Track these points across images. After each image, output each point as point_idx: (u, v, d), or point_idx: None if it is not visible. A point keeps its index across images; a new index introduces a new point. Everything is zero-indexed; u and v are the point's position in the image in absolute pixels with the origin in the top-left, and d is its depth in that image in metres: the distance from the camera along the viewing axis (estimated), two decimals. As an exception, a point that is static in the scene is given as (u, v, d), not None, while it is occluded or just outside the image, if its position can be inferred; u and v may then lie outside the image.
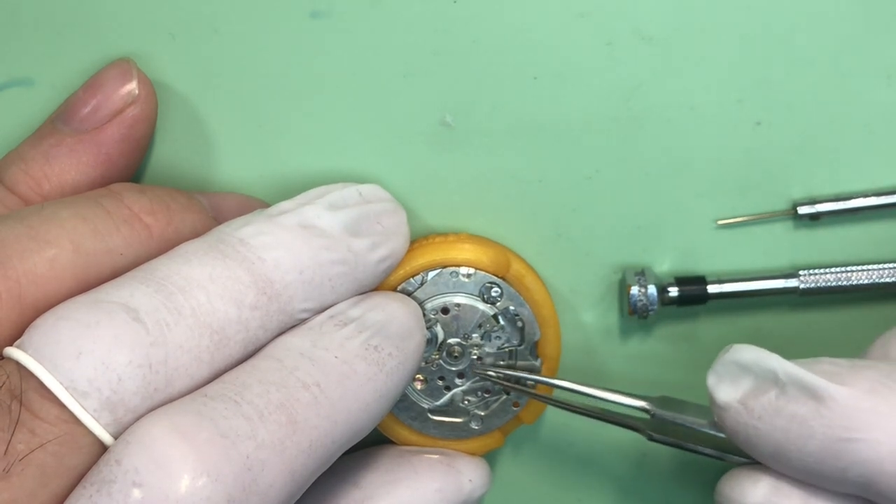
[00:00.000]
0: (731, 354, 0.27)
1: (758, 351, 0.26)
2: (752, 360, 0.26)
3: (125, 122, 0.30)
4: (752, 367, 0.26)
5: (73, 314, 0.25)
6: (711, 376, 0.27)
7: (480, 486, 0.32)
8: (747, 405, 0.26)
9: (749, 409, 0.26)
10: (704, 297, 0.32)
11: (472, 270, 0.31)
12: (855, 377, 0.25)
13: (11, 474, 0.23)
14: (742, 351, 0.27)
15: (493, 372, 0.32)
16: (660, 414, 0.29)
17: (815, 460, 0.25)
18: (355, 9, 0.32)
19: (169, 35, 0.32)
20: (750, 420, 0.26)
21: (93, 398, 0.24)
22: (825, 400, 0.25)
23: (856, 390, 0.25)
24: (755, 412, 0.26)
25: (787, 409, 0.25)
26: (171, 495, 0.23)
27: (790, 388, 0.26)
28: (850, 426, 0.25)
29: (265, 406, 0.25)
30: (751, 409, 0.26)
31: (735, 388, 0.27)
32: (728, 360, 0.27)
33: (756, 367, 0.26)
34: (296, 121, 0.33)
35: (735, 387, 0.27)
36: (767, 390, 0.26)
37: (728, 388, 0.27)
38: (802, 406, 0.25)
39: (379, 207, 0.30)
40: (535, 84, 0.32)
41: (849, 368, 0.26)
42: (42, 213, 0.27)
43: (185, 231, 0.29)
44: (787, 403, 0.25)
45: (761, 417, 0.26)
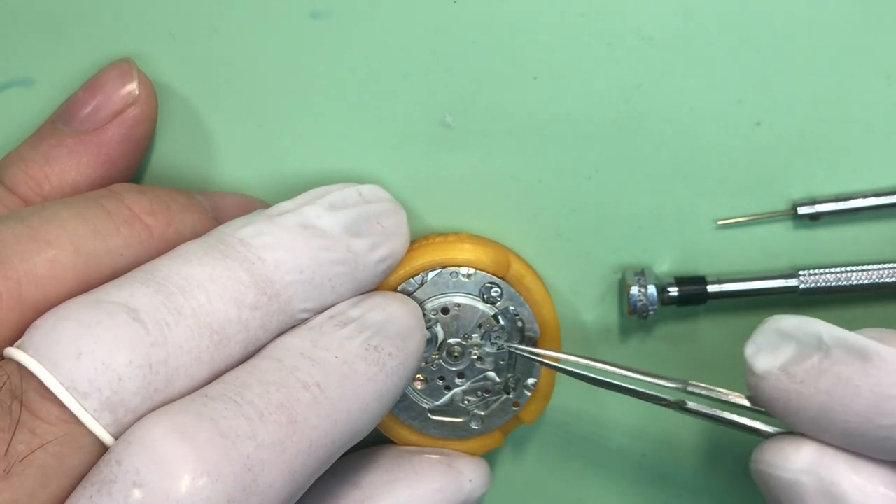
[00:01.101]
0: (773, 323, 0.27)
1: (800, 318, 0.27)
2: (795, 326, 0.27)
3: (125, 123, 0.30)
4: (794, 333, 0.26)
5: (73, 314, 0.25)
6: (750, 346, 0.27)
7: (480, 486, 0.32)
8: (789, 371, 0.26)
9: (791, 374, 0.26)
10: (704, 296, 0.32)
11: (472, 270, 0.31)
12: None
13: (12, 475, 0.23)
14: (784, 319, 0.27)
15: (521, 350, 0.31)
16: (692, 389, 0.29)
17: (861, 420, 0.25)
18: (355, 9, 0.32)
19: (169, 35, 0.32)
20: (792, 385, 0.26)
21: (93, 398, 0.24)
22: (872, 359, 0.25)
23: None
24: (797, 377, 0.26)
25: (833, 370, 0.25)
26: (171, 495, 0.23)
27: (835, 350, 0.26)
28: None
29: (265, 406, 0.25)
30: (793, 375, 0.26)
31: (775, 356, 0.27)
32: (769, 328, 0.27)
33: (799, 333, 0.26)
34: (296, 121, 0.33)
35: (775, 355, 0.27)
36: (810, 355, 0.26)
37: (767, 356, 0.27)
38: (849, 367, 0.25)
39: (379, 207, 0.30)
40: (535, 84, 0.32)
41: (891, 333, 0.26)
42: (42, 214, 0.27)
43: (185, 231, 0.29)
44: (833, 365, 0.25)
45: (804, 381, 0.26)
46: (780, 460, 0.27)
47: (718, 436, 0.35)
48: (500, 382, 0.32)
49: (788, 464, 0.27)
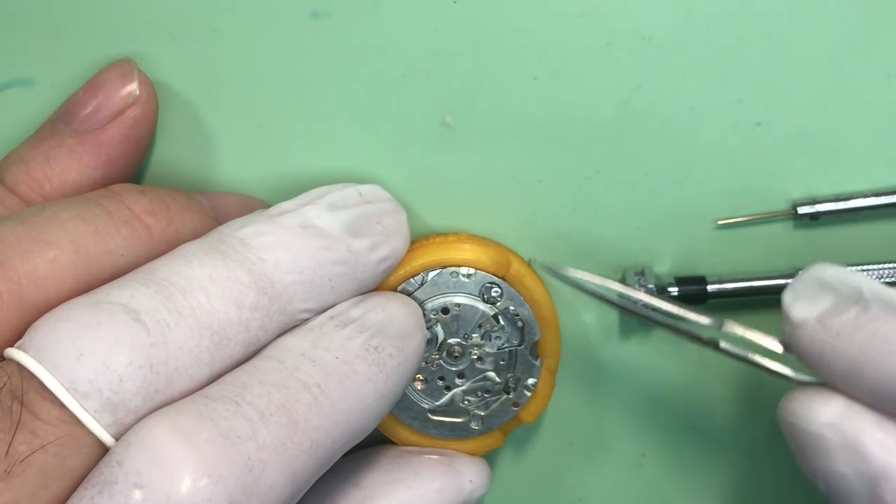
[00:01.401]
0: (814, 272, 0.26)
1: (843, 269, 0.26)
2: (836, 277, 0.26)
3: (126, 123, 0.30)
4: (835, 284, 0.26)
5: (73, 315, 0.25)
6: (788, 293, 0.27)
7: (481, 486, 0.32)
8: (825, 322, 0.26)
9: (826, 326, 0.26)
10: (704, 296, 0.33)
11: (472, 270, 0.31)
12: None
13: (13, 475, 0.23)
14: (826, 269, 0.26)
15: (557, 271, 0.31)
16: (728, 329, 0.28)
17: (892, 379, 0.25)
18: (355, 9, 0.32)
19: (169, 35, 0.32)
20: (826, 337, 0.26)
21: (93, 399, 0.24)
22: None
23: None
24: (833, 329, 0.26)
25: (869, 326, 0.25)
26: (172, 496, 0.23)
27: (874, 306, 0.25)
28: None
29: (266, 407, 0.25)
30: (828, 327, 0.26)
31: (813, 306, 0.26)
32: (809, 276, 0.27)
33: (840, 285, 0.26)
34: (296, 121, 0.33)
35: (813, 304, 0.26)
36: (848, 308, 0.26)
37: (805, 305, 0.26)
38: (885, 324, 0.25)
39: (379, 207, 0.30)
40: (535, 84, 0.32)
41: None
42: (43, 215, 0.27)
43: (185, 232, 0.29)
44: (870, 321, 0.25)
45: (839, 334, 0.25)
46: (807, 411, 0.27)
47: (719, 436, 0.35)
48: (500, 382, 0.32)
49: (814, 416, 0.26)
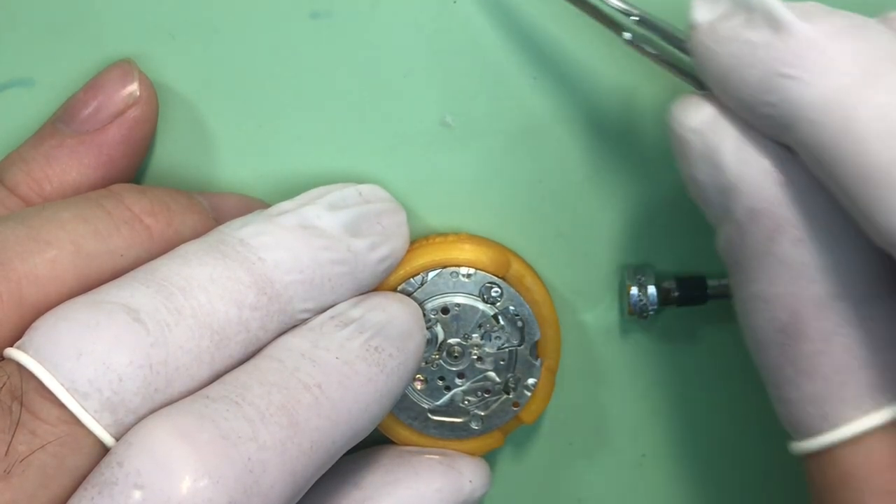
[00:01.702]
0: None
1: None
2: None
3: (126, 124, 0.30)
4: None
5: (73, 315, 0.25)
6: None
7: (481, 486, 0.32)
8: (714, 27, 0.25)
9: (714, 30, 0.25)
10: (705, 296, 0.32)
11: (472, 270, 0.31)
12: (824, 19, 0.24)
13: (12, 475, 0.23)
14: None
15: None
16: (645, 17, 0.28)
17: (751, 92, 0.24)
18: (355, 9, 0.32)
19: (169, 35, 0.32)
20: (710, 41, 0.25)
21: (93, 399, 0.24)
22: (782, 31, 0.24)
23: (816, 30, 0.24)
24: (718, 34, 0.25)
25: (745, 35, 0.25)
26: (172, 497, 0.23)
27: (757, 15, 0.24)
28: (791, 63, 0.24)
29: (266, 407, 0.25)
30: (715, 32, 0.25)
31: (712, 9, 0.26)
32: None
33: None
34: (295, 121, 0.33)
35: (712, 8, 0.26)
36: (737, 14, 0.25)
37: (706, 7, 0.26)
38: (759, 34, 0.24)
39: (379, 207, 0.30)
40: (535, 84, 0.32)
41: (826, 12, 0.24)
42: (43, 215, 0.27)
43: (185, 232, 0.29)
44: (746, 29, 0.25)
45: (720, 41, 0.25)
46: (679, 115, 0.26)
47: (719, 436, 0.35)
48: (500, 382, 0.32)
49: (684, 120, 0.26)
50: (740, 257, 0.26)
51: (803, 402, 0.26)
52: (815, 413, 0.26)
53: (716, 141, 0.26)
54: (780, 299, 0.26)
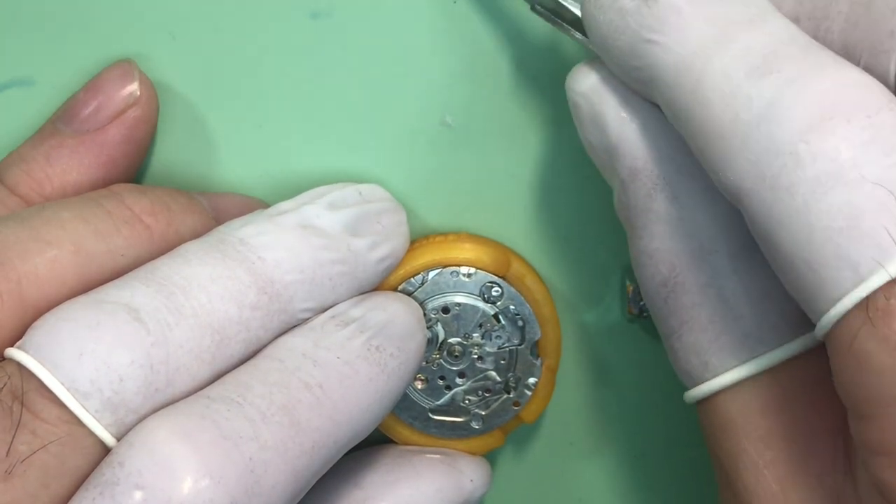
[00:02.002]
0: None
1: None
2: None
3: (126, 124, 0.30)
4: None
5: (74, 314, 0.25)
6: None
7: (481, 485, 0.32)
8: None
9: None
10: (704, 296, 0.33)
11: (472, 270, 0.31)
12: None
13: (13, 475, 0.23)
14: None
15: None
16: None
17: (622, 56, 0.26)
18: (355, 9, 0.32)
19: (169, 35, 0.32)
20: (593, 8, 0.26)
21: (94, 398, 0.24)
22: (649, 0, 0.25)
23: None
24: (599, 1, 0.26)
25: (620, 2, 0.25)
26: (173, 497, 0.23)
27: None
28: (654, 28, 0.25)
29: (267, 407, 0.25)
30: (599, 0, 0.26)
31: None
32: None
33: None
34: (296, 121, 0.33)
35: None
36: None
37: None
38: (631, 2, 0.25)
39: (379, 207, 0.30)
40: (535, 84, 0.32)
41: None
42: (43, 215, 0.27)
43: (185, 232, 0.29)
44: None
45: (600, 7, 0.26)
46: (571, 82, 0.28)
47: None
48: (501, 382, 0.32)
49: (573, 85, 0.28)
50: (628, 215, 0.28)
51: (687, 352, 0.27)
52: (698, 362, 0.27)
53: (600, 104, 0.27)
54: (661, 254, 0.27)
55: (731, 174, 0.24)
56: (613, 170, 0.28)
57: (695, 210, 0.26)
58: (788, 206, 0.23)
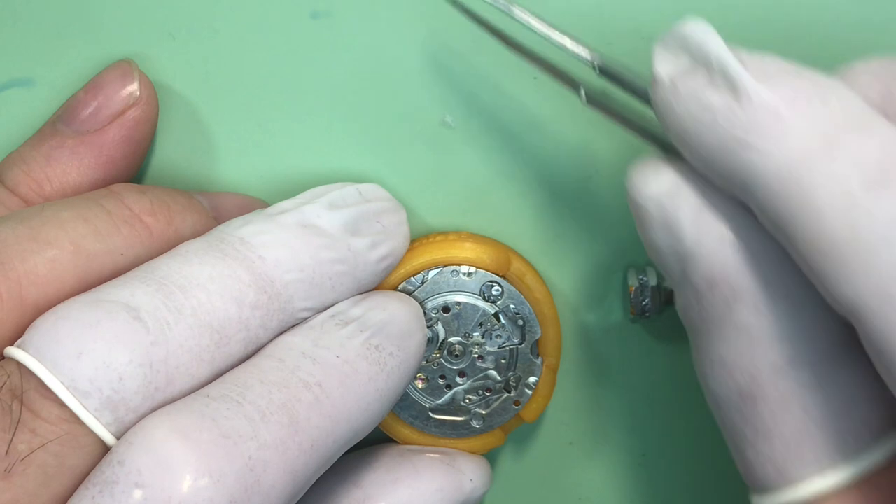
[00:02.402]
0: (680, 27, 0.25)
1: (703, 30, 0.24)
2: (693, 37, 0.25)
3: (126, 124, 0.30)
4: (692, 45, 0.25)
5: (73, 313, 0.25)
6: (658, 45, 0.25)
7: (482, 485, 0.32)
8: (676, 83, 0.25)
9: (675, 87, 0.25)
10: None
11: (472, 269, 0.31)
12: (784, 81, 0.24)
13: (13, 474, 0.23)
14: (689, 25, 0.25)
15: None
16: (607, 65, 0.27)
17: (710, 153, 0.24)
18: (355, 9, 0.32)
19: (169, 35, 0.32)
20: (672, 99, 0.25)
21: (94, 397, 0.24)
22: (741, 96, 0.23)
23: (775, 95, 0.23)
24: (680, 92, 0.24)
25: (705, 96, 0.24)
26: (173, 496, 0.23)
27: (717, 75, 0.24)
28: (749, 130, 0.23)
29: (267, 406, 0.25)
30: (677, 89, 0.24)
31: (672, 64, 0.25)
32: (675, 32, 0.25)
33: (694, 47, 0.24)
34: (296, 120, 0.33)
35: (674, 62, 0.25)
36: (698, 73, 0.24)
37: (667, 61, 0.25)
38: (719, 97, 0.24)
39: (379, 206, 0.30)
40: (535, 84, 0.32)
41: (786, 73, 0.24)
42: (43, 214, 0.27)
43: (185, 231, 0.29)
44: (707, 90, 0.24)
45: (680, 100, 0.24)
46: (638, 183, 0.26)
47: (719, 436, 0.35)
48: (501, 381, 0.32)
49: (641, 187, 0.26)
50: (699, 322, 0.26)
51: (763, 463, 0.26)
52: (774, 472, 0.25)
53: (674, 209, 0.25)
54: (739, 364, 0.25)
55: (850, 290, 0.22)
56: (685, 276, 0.26)
57: (780, 320, 0.25)
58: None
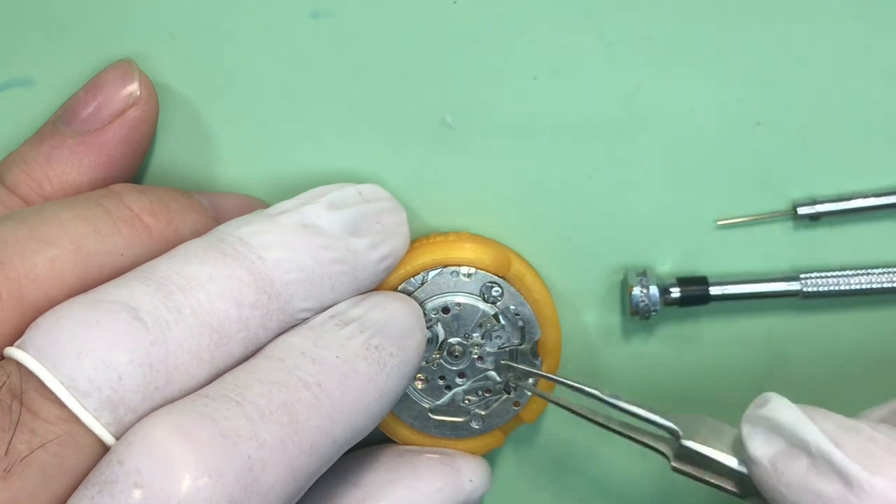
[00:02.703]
0: (767, 411, 0.26)
1: (794, 414, 0.26)
2: (787, 423, 0.26)
3: (126, 124, 0.30)
4: (786, 429, 0.26)
5: (73, 313, 0.25)
6: (745, 425, 0.27)
7: (481, 485, 0.32)
8: (777, 467, 0.26)
9: (778, 472, 0.26)
10: (706, 297, 0.32)
11: (472, 270, 0.31)
12: (891, 465, 0.24)
13: (12, 474, 0.23)
14: (778, 410, 0.26)
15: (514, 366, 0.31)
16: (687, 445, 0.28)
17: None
18: (355, 9, 0.32)
19: (169, 35, 0.32)
20: (778, 484, 0.25)
21: (93, 397, 0.24)
22: (854, 486, 0.24)
23: (888, 482, 0.24)
24: (784, 477, 0.25)
25: (816, 485, 0.25)
26: (172, 496, 0.23)
27: (821, 463, 0.25)
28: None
29: (266, 406, 0.25)
30: (780, 473, 0.25)
31: (767, 445, 0.26)
32: (763, 415, 0.26)
33: (789, 433, 0.26)
34: (296, 121, 0.33)
35: (767, 443, 0.26)
36: (798, 457, 0.25)
37: (760, 442, 0.26)
38: (831, 486, 0.25)
39: (379, 207, 0.30)
40: (535, 84, 0.32)
41: (886, 448, 0.25)
42: (43, 214, 0.27)
43: (185, 231, 0.29)
44: (817, 480, 0.25)
45: (789, 485, 0.25)
46: None
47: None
48: (501, 382, 0.32)
49: None
50: None
51: None
52: None
53: None
54: None
55: None
56: None
57: None
58: None
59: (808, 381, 0.34)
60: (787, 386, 0.33)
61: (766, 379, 0.34)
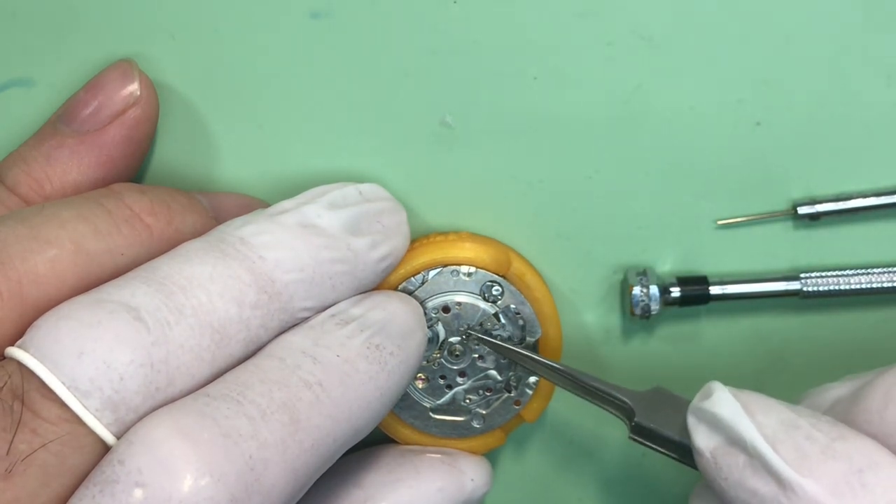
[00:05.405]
0: (709, 404, 0.27)
1: (734, 410, 0.26)
2: (726, 418, 0.26)
3: (127, 124, 0.30)
4: (724, 426, 0.26)
5: (74, 314, 0.25)
6: (691, 416, 0.27)
7: (482, 485, 0.32)
8: (717, 461, 0.26)
9: (718, 465, 0.26)
10: (706, 297, 0.32)
11: (472, 269, 0.31)
12: (823, 468, 0.25)
13: (14, 474, 0.23)
14: (719, 404, 0.26)
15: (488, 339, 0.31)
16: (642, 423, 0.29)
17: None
18: (355, 9, 0.32)
19: (169, 35, 0.32)
20: (718, 475, 0.26)
21: (94, 397, 0.24)
22: (787, 489, 0.25)
23: (820, 487, 0.24)
24: (723, 472, 0.26)
25: (752, 483, 0.25)
26: (174, 495, 0.23)
27: (758, 462, 0.25)
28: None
29: (267, 405, 0.25)
30: (720, 467, 0.26)
31: (710, 437, 0.27)
32: (705, 409, 0.27)
33: (728, 429, 0.26)
34: (296, 121, 0.33)
35: (710, 435, 0.27)
36: (737, 454, 0.26)
37: (704, 434, 0.27)
38: (766, 486, 0.25)
39: (379, 206, 0.30)
40: (535, 84, 0.32)
41: (822, 449, 0.25)
42: (43, 214, 0.27)
43: (185, 231, 0.29)
44: (753, 478, 0.25)
45: (727, 479, 0.26)
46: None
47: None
48: (502, 381, 0.32)
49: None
50: None
51: None
52: None
53: None
54: None
55: None
56: None
57: None
58: None
59: (807, 381, 0.34)
60: (787, 386, 0.33)
61: (766, 379, 0.34)
